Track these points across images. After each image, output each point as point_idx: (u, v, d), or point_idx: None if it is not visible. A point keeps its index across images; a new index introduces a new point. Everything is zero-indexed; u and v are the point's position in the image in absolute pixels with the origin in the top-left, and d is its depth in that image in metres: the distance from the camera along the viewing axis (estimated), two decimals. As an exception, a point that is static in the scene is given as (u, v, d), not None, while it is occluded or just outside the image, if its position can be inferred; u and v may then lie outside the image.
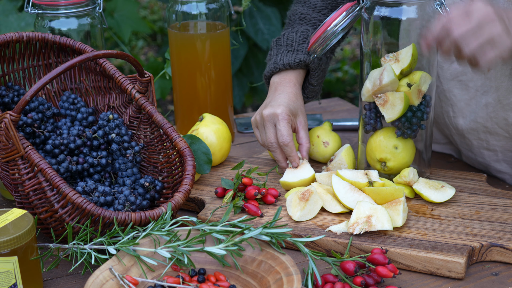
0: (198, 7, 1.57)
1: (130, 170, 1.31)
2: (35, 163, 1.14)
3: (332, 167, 1.42)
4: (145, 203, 1.23)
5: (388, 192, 1.25)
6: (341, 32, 1.37)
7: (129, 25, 2.75)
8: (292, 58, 1.48)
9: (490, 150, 1.44)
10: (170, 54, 1.63)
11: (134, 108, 1.37)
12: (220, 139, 1.48)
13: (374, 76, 1.30)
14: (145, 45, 4.51)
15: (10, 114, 1.13)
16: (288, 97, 1.42)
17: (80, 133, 1.30)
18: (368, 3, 1.29)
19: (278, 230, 1.08)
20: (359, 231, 1.18)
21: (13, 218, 1.08)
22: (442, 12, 1.24)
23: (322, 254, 1.09)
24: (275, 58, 1.51)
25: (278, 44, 1.54)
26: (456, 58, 1.13)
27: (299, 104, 1.43)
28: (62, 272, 1.18)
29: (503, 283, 1.12)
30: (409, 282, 1.13)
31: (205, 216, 1.28)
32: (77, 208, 1.12)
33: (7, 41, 1.31)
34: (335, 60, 4.47)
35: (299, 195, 1.28)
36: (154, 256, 1.09)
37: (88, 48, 1.36)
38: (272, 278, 1.04)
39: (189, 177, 1.23)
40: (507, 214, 1.26)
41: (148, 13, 4.82)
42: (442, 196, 1.30)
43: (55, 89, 1.43)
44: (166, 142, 1.31)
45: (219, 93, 1.64)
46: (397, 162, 1.35)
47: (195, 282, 1.06)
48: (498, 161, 1.45)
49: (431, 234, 1.20)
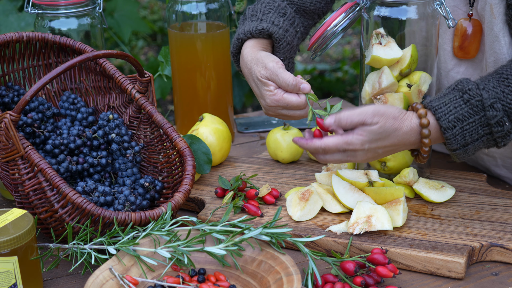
0: (198, 7, 1.57)
1: (130, 170, 1.31)
2: (35, 163, 1.14)
3: (332, 167, 1.42)
4: (145, 203, 1.23)
5: (388, 192, 1.25)
6: (341, 32, 1.37)
7: (129, 25, 2.75)
8: (253, 26, 1.38)
9: (489, 156, 1.44)
10: (170, 54, 1.63)
11: (134, 108, 1.37)
12: (220, 139, 1.48)
13: (372, 79, 1.30)
14: (145, 45, 4.51)
15: (10, 114, 1.13)
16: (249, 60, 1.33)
17: (80, 133, 1.30)
18: (368, 3, 1.29)
19: (278, 230, 1.08)
20: (359, 231, 1.18)
21: (13, 218, 1.08)
22: (442, 12, 1.24)
23: (322, 254, 1.09)
24: (238, 31, 1.42)
25: (243, 18, 1.46)
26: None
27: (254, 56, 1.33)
28: (62, 272, 1.18)
29: (503, 283, 1.12)
30: (409, 282, 1.13)
31: (205, 216, 1.28)
32: (77, 208, 1.12)
33: (7, 41, 1.31)
34: (335, 60, 4.47)
35: (299, 195, 1.28)
36: (154, 256, 1.09)
37: (88, 48, 1.36)
38: (272, 278, 1.04)
39: (189, 177, 1.23)
40: (507, 214, 1.27)
41: (148, 13, 4.82)
42: (442, 196, 1.30)
43: (55, 89, 1.43)
44: (166, 142, 1.31)
45: (219, 93, 1.64)
46: (397, 162, 1.35)
47: (195, 282, 1.06)
48: (498, 166, 1.45)
49: (431, 234, 1.20)
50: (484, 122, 1.16)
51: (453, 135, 1.17)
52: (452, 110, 1.16)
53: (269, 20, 1.39)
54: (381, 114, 1.15)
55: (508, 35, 1.25)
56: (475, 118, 1.16)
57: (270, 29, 1.37)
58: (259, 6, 1.44)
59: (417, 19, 1.26)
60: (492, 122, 1.15)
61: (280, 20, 1.41)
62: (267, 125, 1.79)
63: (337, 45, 4.66)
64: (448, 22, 1.24)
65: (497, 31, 1.25)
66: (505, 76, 1.17)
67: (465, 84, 1.17)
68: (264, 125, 1.79)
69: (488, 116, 1.15)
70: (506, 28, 1.25)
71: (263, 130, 1.77)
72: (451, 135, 1.17)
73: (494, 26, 1.25)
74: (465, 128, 1.16)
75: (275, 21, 1.39)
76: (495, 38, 1.26)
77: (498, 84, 1.16)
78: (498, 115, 1.15)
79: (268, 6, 1.43)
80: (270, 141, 1.51)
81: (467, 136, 1.17)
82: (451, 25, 1.24)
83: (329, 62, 4.42)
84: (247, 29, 1.38)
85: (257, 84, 1.32)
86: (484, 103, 1.15)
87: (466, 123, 1.16)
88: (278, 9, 1.44)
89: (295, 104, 1.28)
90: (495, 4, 1.24)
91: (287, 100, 1.27)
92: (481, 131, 1.16)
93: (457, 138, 1.17)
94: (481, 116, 1.15)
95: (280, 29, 1.39)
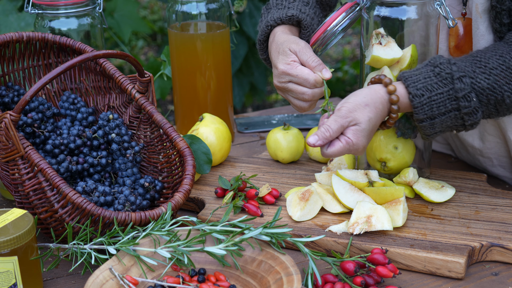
0: (198, 7, 1.57)
1: (130, 170, 1.31)
2: (35, 163, 1.14)
3: (332, 167, 1.42)
4: (145, 203, 1.23)
5: (388, 192, 1.25)
6: (341, 32, 1.37)
7: (129, 25, 2.76)
8: (283, 13, 1.43)
9: (485, 157, 1.45)
10: (170, 54, 1.63)
11: (134, 108, 1.37)
12: (220, 139, 1.48)
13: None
14: (145, 45, 4.51)
15: (10, 114, 1.13)
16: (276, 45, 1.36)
17: (80, 133, 1.30)
18: (368, 3, 1.29)
19: (278, 230, 1.08)
20: (359, 231, 1.18)
21: (13, 218, 1.08)
22: (442, 12, 1.24)
23: (322, 254, 1.09)
24: (266, 18, 1.46)
25: (267, 8, 1.51)
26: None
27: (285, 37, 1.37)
28: (62, 272, 1.18)
29: (503, 283, 1.12)
30: (409, 282, 1.13)
31: (205, 216, 1.28)
32: (77, 208, 1.12)
33: (7, 41, 1.31)
34: (335, 60, 4.47)
35: (299, 195, 1.28)
36: (154, 256, 1.09)
37: (88, 48, 1.36)
38: (272, 278, 1.04)
39: (189, 177, 1.23)
40: (507, 214, 1.27)
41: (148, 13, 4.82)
42: (442, 196, 1.30)
43: (55, 89, 1.43)
44: (166, 142, 1.31)
45: (219, 93, 1.64)
46: (397, 162, 1.35)
47: (195, 282, 1.06)
48: (494, 166, 1.46)
49: (431, 234, 1.20)
50: (452, 96, 1.18)
51: (421, 103, 1.19)
52: (422, 80, 1.20)
53: (296, 7, 1.44)
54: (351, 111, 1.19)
55: (492, 33, 1.27)
56: (443, 90, 1.19)
57: (300, 16, 1.42)
58: None
59: (417, 19, 1.26)
60: (460, 95, 1.18)
61: (306, 9, 1.45)
62: (267, 125, 1.79)
63: (337, 45, 4.66)
64: (448, 22, 1.24)
65: (483, 29, 1.27)
66: (478, 59, 1.21)
67: (437, 59, 1.21)
68: (264, 125, 1.79)
69: (456, 88, 1.18)
70: (491, 27, 1.26)
71: (263, 130, 1.77)
72: (419, 103, 1.19)
73: (480, 25, 1.27)
74: (433, 99, 1.19)
75: (302, 9, 1.44)
76: (481, 37, 1.28)
77: (470, 64, 1.20)
78: (466, 88, 1.18)
79: None
80: (270, 141, 1.51)
81: (434, 107, 1.19)
82: (451, 25, 1.24)
83: (329, 62, 4.42)
84: (277, 15, 1.42)
85: (280, 54, 1.33)
86: (453, 76, 1.18)
87: (434, 93, 1.19)
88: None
89: (305, 76, 1.28)
90: (480, 3, 1.25)
91: (298, 69, 1.29)
92: (448, 105, 1.19)
93: (424, 107, 1.19)
94: (449, 89, 1.18)
95: (308, 16, 1.43)
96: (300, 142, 1.50)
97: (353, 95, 1.22)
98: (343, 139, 1.19)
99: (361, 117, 1.19)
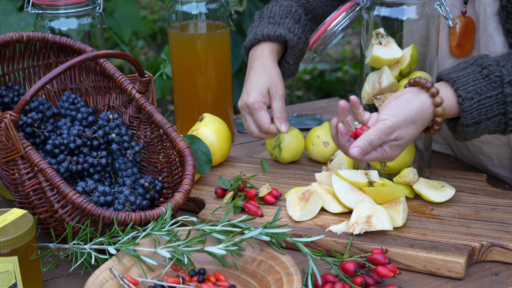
0: (198, 7, 1.57)
1: (130, 170, 1.31)
2: (35, 163, 1.14)
3: (332, 167, 1.42)
4: (145, 203, 1.23)
5: (388, 192, 1.25)
6: (341, 32, 1.37)
7: (129, 25, 2.76)
8: (272, 30, 1.47)
9: (486, 156, 1.45)
10: (170, 54, 1.63)
11: (134, 108, 1.37)
12: (220, 139, 1.48)
13: (372, 79, 1.30)
14: (145, 45, 4.51)
15: (10, 114, 1.13)
16: (260, 74, 1.43)
17: (80, 133, 1.30)
18: (368, 3, 1.29)
19: (278, 230, 1.08)
20: (359, 231, 1.18)
21: (13, 218, 1.08)
22: (442, 12, 1.24)
23: (322, 254, 1.09)
24: (255, 29, 1.50)
25: (261, 16, 1.53)
26: None
27: (272, 74, 1.44)
28: (62, 272, 1.18)
29: (503, 283, 1.12)
30: (409, 282, 1.13)
31: (205, 216, 1.28)
32: (77, 208, 1.12)
33: (7, 41, 1.31)
34: (335, 60, 4.47)
35: (299, 195, 1.28)
36: (154, 256, 1.09)
37: (88, 48, 1.36)
38: (272, 278, 1.04)
39: (189, 177, 1.23)
40: (507, 214, 1.27)
41: (148, 13, 4.82)
42: (442, 196, 1.30)
43: (55, 89, 1.43)
44: (166, 142, 1.31)
45: (219, 93, 1.64)
46: (397, 162, 1.35)
47: (195, 282, 1.06)
48: (495, 166, 1.45)
49: (431, 234, 1.20)
50: (500, 100, 1.13)
51: (470, 108, 1.14)
52: (471, 82, 1.14)
53: (286, 26, 1.48)
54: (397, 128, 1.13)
55: (502, 34, 1.25)
56: (492, 93, 1.13)
57: (287, 36, 1.47)
58: (277, 9, 1.52)
59: (417, 19, 1.26)
60: (508, 99, 1.13)
61: (296, 27, 1.49)
62: (267, 125, 1.79)
63: (337, 45, 4.66)
64: (448, 22, 1.24)
65: (491, 30, 1.26)
66: None
67: (485, 60, 1.16)
68: (264, 125, 1.79)
69: (506, 93, 1.13)
70: (500, 27, 1.25)
71: (263, 130, 1.77)
72: (468, 107, 1.14)
73: (488, 26, 1.26)
74: (482, 103, 1.13)
75: (291, 28, 1.48)
76: (489, 38, 1.26)
77: None
78: None
79: (286, 10, 1.51)
80: (270, 141, 1.51)
81: (483, 112, 1.14)
82: (451, 25, 1.24)
83: (329, 62, 4.41)
84: (266, 31, 1.47)
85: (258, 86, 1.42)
86: (503, 79, 1.13)
87: (483, 97, 1.13)
88: (294, 15, 1.51)
89: (261, 123, 1.41)
90: (488, 4, 1.24)
91: (260, 114, 1.40)
92: (496, 109, 1.14)
93: (473, 112, 1.14)
94: (498, 92, 1.13)
95: (295, 36, 1.48)
96: (300, 142, 1.50)
97: (401, 106, 1.14)
98: (379, 151, 1.15)
99: (405, 135, 1.14)
